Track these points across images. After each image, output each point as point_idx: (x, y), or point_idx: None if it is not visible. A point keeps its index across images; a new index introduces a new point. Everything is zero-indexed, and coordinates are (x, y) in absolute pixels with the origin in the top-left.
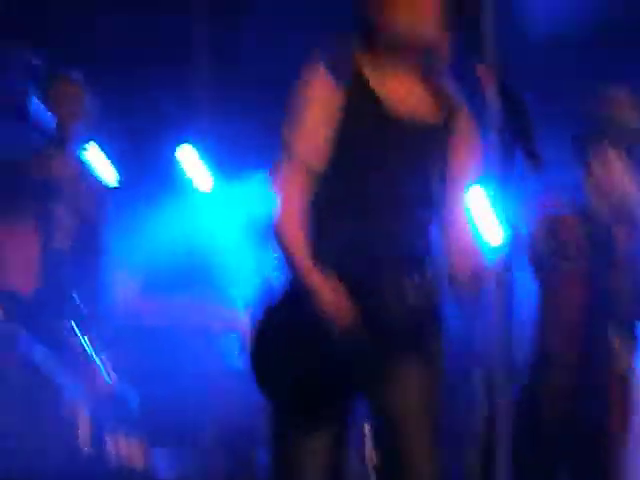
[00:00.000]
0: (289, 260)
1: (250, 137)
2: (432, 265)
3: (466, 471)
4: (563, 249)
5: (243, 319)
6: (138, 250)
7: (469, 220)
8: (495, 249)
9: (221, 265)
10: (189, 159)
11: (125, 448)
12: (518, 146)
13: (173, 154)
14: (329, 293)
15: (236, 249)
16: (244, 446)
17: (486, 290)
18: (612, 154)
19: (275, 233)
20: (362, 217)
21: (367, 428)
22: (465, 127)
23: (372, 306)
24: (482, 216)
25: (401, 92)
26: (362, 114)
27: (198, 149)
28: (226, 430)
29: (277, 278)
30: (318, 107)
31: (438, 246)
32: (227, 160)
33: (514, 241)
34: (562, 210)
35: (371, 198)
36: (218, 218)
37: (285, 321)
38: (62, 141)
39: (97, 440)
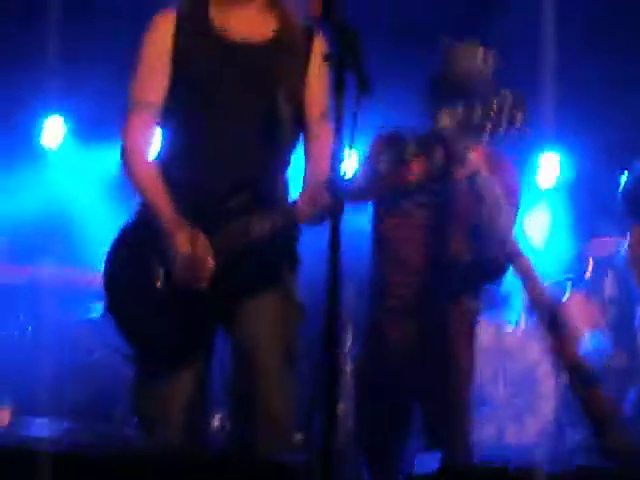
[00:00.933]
0: (144, 197)
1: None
2: (282, 200)
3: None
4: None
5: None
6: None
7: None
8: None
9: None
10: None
11: None
12: (350, 73)
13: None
14: (183, 243)
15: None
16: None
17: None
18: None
19: (125, 171)
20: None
21: None
22: (319, 55)
23: (217, 241)
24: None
25: (239, 20)
26: (200, 47)
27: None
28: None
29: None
30: (153, 53)
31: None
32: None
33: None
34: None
35: (207, 126)
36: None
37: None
38: None
39: None
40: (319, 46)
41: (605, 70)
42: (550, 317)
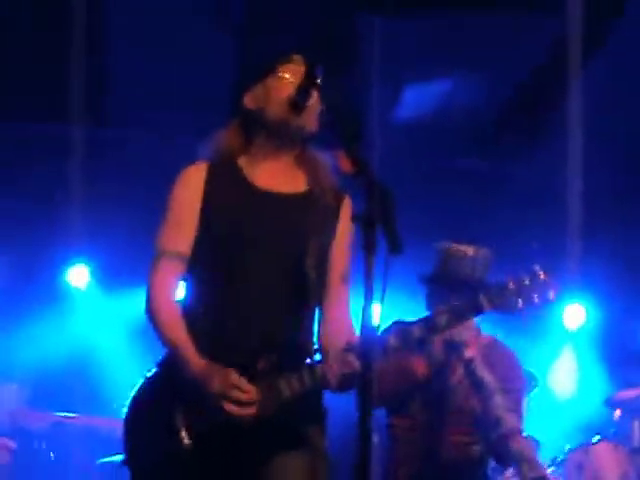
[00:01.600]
0: (169, 345)
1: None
2: (309, 360)
3: None
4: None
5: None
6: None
7: (350, 316)
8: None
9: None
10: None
11: None
12: (381, 232)
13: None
14: (221, 382)
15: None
16: None
17: None
18: None
19: (149, 318)
20: (232, 309)
21: None
22: (347, 217)
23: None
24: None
25: (271, 174)
26: (230, 197)
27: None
28: None
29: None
30: (183, 203)
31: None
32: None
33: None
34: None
35: (236, 277)
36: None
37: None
38: None
39: None
40: (347, 206)
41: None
42: None
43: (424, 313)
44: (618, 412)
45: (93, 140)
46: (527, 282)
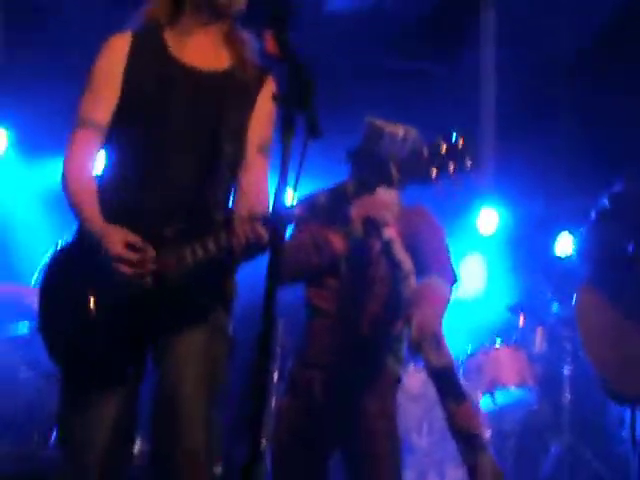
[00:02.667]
0: (75, 211)
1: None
2: (219, 229)
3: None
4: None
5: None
6: None
7: (265, 186)
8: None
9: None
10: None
11: None
12: (300, 114)
13: None
14: (115, 243)
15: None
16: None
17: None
18: None
19: (62, 187)
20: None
21: None
22: (269, 95)
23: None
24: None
25: (195, 49)
26: (151, 67)
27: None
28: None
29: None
30: (105, 72)
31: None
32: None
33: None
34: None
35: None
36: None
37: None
38: None
39: None
40: (269, 84)
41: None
42: (442, 386)
43: None
44: (522, 318)
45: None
46: (443, 150)
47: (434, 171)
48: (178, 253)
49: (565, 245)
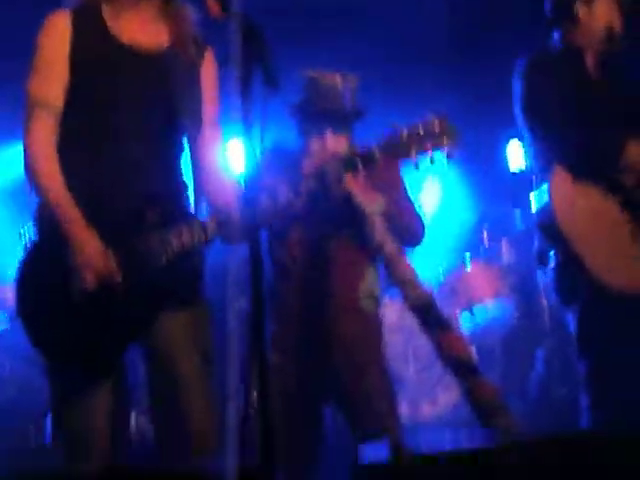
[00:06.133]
0: (45, 195)
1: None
2: (187, 214)
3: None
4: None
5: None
6: None
7: (223, 163)
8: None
9: None
10: None
11: None
12: (256, 71)
13: None
14: (85, 242)
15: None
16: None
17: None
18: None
19: (26, 171)
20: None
21: None
22: (211, 67)
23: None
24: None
25: (135, 26)
26: (95, 49)
27: None
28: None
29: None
30: (51, 53)
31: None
32: None
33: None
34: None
35: (106, 134)
36: None
37: (43, 271)
38: None
39: None
40: (210, 56)
41: None
42: (426, 318)
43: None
44: (485, 232)
45: None
46: (421, 131)
47: (413, 152)
48: (163, 239)
49: (516, 156)
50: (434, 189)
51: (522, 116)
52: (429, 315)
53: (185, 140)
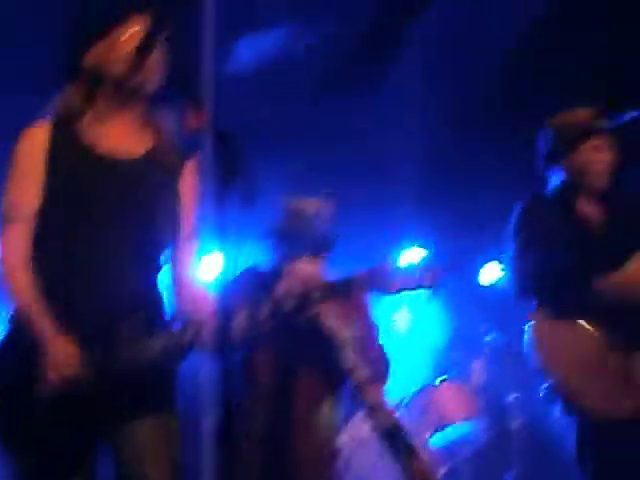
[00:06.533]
0: (19, 308)
1: None
2: (164, 321)
3: None
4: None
5: None
6: None
7: (193, 268)
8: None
9: None
10: None
11: None
12: (233, 185)
13: None
14: (57, 345)
15: None
16: None
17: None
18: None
19: (4, 286)
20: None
21: None
22: (191, 178)
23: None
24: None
25: (112, 135)
26: (69, 162)
27: None
28: None
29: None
30: (27, 165)
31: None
32: None
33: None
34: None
35: (82, 243)
36: None
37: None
38: None
39: None
40: (190, 165)
41: None
42: (393, 441)
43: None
44: (457, 353)
45: None
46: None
47: (392, 286)
48: (136, 343)
49: (491, 274)
50: (404, 307)
51: (512, 239)
52: (396, 440)
53: (162, 249)
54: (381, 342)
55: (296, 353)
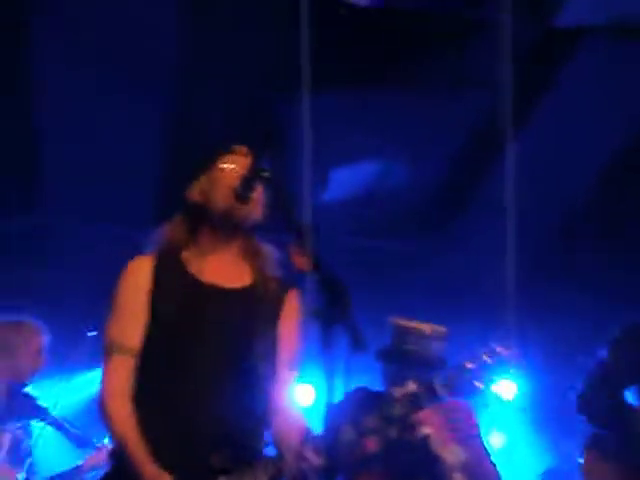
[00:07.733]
0: (118, 441)
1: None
2: (264, 454)
3: None
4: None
5: None
6: None
7: (294, 403)
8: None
9: None
10: None
11: None
12: (341, 328)
13: None
14: (152, 476)
15: None
16: None
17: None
18: None
19: (102, 414)
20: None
21: None
22: (294, 308)
23: None
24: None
25: (215, 266)
26: (176, 288)
27: None
28: None
29: None
30: (131, 297)
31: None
32: None
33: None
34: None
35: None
36: None
37: None
38: None
39: None
40: (293, 296)
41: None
42: None
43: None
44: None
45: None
46: (487, 360)
47: (477, 384)
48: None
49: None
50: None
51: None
52: None
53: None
54: (492, 463)
55: (404, 477)
